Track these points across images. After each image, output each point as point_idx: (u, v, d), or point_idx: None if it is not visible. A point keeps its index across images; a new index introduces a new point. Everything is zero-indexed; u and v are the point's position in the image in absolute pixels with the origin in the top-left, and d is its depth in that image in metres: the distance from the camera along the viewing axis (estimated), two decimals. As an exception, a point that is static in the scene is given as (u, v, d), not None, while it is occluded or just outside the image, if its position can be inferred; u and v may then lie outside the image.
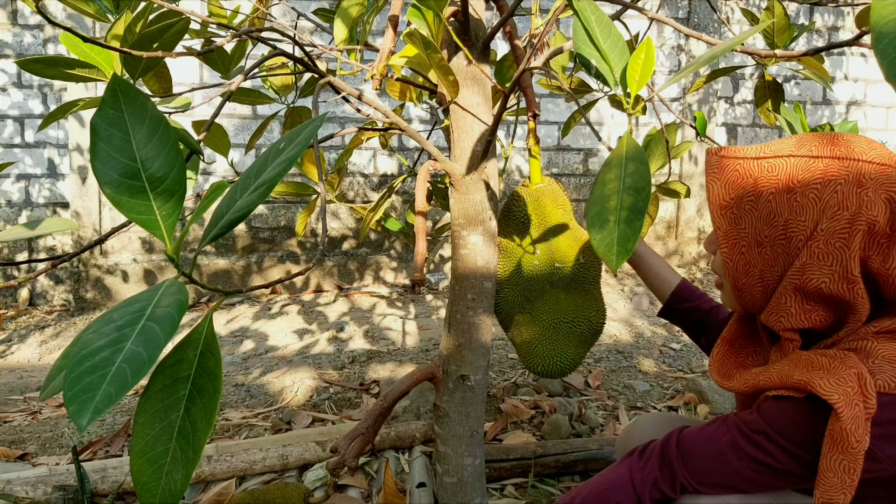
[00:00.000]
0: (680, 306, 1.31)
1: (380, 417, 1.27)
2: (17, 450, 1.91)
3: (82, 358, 0.47)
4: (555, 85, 1.74)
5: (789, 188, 0.86)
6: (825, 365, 0.82)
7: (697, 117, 1.41)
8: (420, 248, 1.10)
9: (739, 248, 0.90)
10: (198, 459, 0.53)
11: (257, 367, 2.68)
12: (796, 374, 0.82)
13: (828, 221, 0.83)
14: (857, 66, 4.72)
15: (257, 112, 3.95)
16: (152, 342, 0.48)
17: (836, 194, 0.83)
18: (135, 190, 0.55)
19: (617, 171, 0.59)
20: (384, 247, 4.18)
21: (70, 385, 0.46)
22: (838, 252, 0.83)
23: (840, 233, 0.83)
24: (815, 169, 0.85)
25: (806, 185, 0.85)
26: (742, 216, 0.90)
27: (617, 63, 0.65)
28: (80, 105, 0.92)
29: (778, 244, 0.87)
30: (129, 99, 0.58)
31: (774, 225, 0.87)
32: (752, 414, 0.87)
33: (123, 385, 0.46)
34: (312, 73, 1.17)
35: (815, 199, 0.84)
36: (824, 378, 0.79)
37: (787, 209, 0.86)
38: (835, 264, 0.83)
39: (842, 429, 0.75)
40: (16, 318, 3.59)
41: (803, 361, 0.84)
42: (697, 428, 0.93)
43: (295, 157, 0.53)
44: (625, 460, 0.97)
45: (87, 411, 0.45)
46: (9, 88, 3.73)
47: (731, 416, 0.90)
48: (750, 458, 0.85)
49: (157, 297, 0.51)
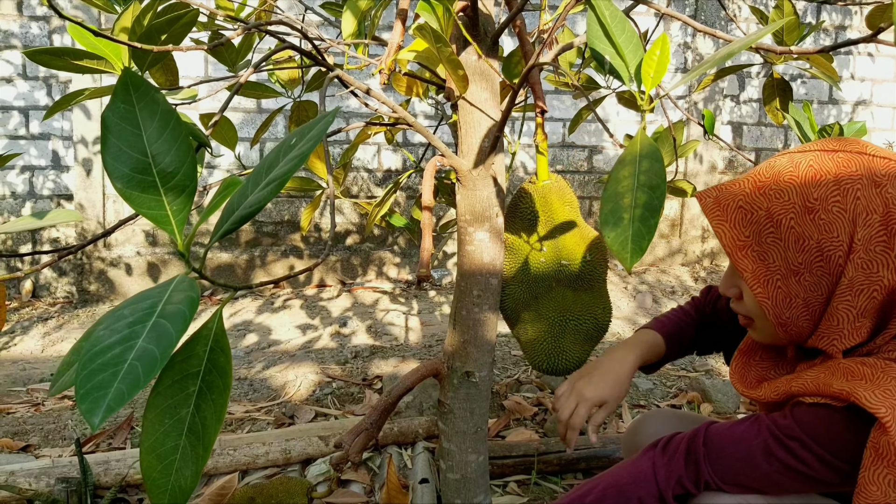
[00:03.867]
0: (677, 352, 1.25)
1: (384, 413, 1.27)
2: (20, 441, 1.91)
3: (94, 355, 0.46)
4: (562, 81, 1.73)
5: (808, 208, 0.83)
6: (867, 375, 0.79)
7: (706, 115, 1.40)
8: (426, 243, 1.10)
9: (774, 283, 0.86)
10: (207, 456, 0.52)
11: (260, 362, 2.68)
12: (836, 384, 0.79)
13: (862, 229, 0.80)
14: (864, 65, 4.70)
15: (262, 106, 3.94)
16: (164, 339, 0.47)
17: (861, 200, 0.81)
18: (146, 185, 0.55)
19: (631, 168, 0.59)
20: (387, 242, 4.18)
21: (82, 383, 0.45)
22: (882, 257, 0.80)
23: (877, 237, 0.80)
24: (827, 182, 0.83)
25: (825, 200, 0.82)
26: (767, 250, 0.86)
27: (632, 59, 0.64)
28: (85, 95, 0.91)
29: (816, 267, 0.83)
30: (141, 93, 0.57)
31: (807, 249, 0.83)
32: (787, 419, 0.84)
33: (135, 383, 0.45)
34: (320, 67, 1.16)
35: (840, 212, 0.81)
36: (868, 389, 0.76)
37: (815, 230, 0.82)
38: (882, 270, 0.80)
39: (889, 443, 0.73)
40: (19, 310, 3.59)
41: (842, 370, 0.81)
42: (726, 426, 0.89)
43: (307, 153, 0.53)
44: (647, 454, 0.93)
45: (100, 409, 0.44)
46: (14, 79, 3.73)
47: (762, 418, 0.87)
48: (781, 463, 0.83)
49: (167, 293, 0.51)
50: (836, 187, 0.82)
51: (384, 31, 3.97)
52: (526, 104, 1.58)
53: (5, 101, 3.73)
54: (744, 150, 4.58)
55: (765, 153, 4.61)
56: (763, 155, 4.60)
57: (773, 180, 0.86)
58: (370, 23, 1.19)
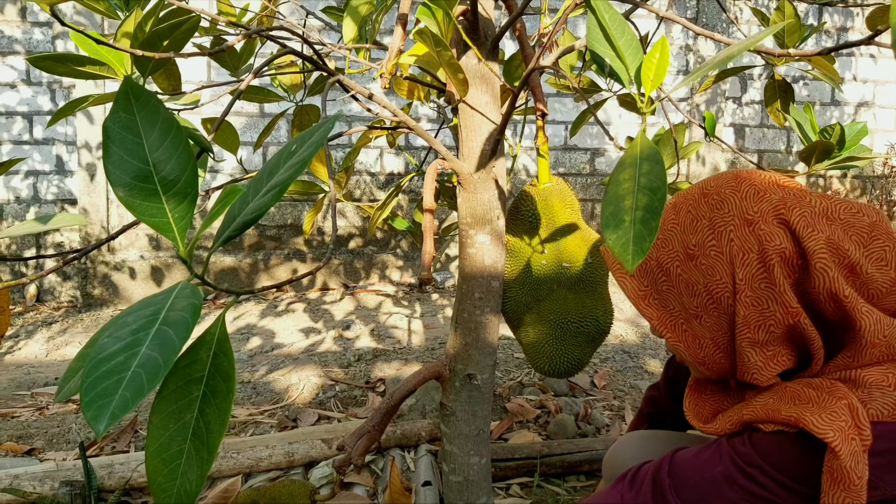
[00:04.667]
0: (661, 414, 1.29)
1: (386, 416, 1.27)
2: (24, 445, 1.92)
3: (98, 363, 0.47)
4: (563, 84, 1.73)
5: (690, 255, 0.86)
6: (813, 398, 0.79)
7: (707, 117, 1.41)
8: (428, 246, 1.10)
9: (680, 327, 0.89)
10: (212, 460, 0.53)
11: (264, 365, 2.69)
12: (784, 409, 0.80)
13: (741, 269, 0.82)
14: (867, 67, 4.69)
15: (264, 110, 3.95)
16: (167, 347, 0.48)
17: (735, 241, 0.82)
18: (147, 193, 0.55)
19: (631, 170, 0.59)
20: (390, 245, 4.18)
21: (87, 390, 0.46)
22: (768, 292, 0.81)
23: (758, 275, 0.81)
24: (702, 228, 0.85)
25: (702, 245, 0.85)
26: (666, 298, 0.89)
27: (632, 62, 0.64)
28: (89, 101, 0.92)
29: (711, 309, 0.85)
30: (141, 102, 0.58)
31: (698, 294, 0.86)
32: (745, 445, 0.84)
33: (139, 390, 0.46)
34: (322, 72, 1.17)
35: (718, 255, 0.83)
36: (815, 413, 0.77)
37: (700, 275, 0.85)
38: (771, 304, 0.81)
39: (841, 467, 0.74)
40: (23, 314, 3.60)
41: (789, 394, 0.82)
42: (691, 454, 0.90)
43: (308, 159, 0.53)
44: (616, 486, 0.95)
45: (105, 417, 0.45)
46: (18, 85, 3.75)
47: (724, 445, 0.87)
48: (744, 491, 0.83)
49: (170, 300, 0.51)
50: (710, 231, 0.84)
51: (385, 36, 3.98)
52: (527, 107, 1.59)
53: (9, 107, 3.75)
54: (746, 152, 4.58)
55: (767, 154, 4.61)
56: (766, 156, 4.60)
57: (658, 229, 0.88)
58: (371, 27, 1.19)
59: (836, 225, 0.82)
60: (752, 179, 0.86)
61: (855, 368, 0.81)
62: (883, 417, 0.77)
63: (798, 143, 4.64)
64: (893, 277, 0.81)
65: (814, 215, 0.81)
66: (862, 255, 0.80)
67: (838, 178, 4.77)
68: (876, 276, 0.80)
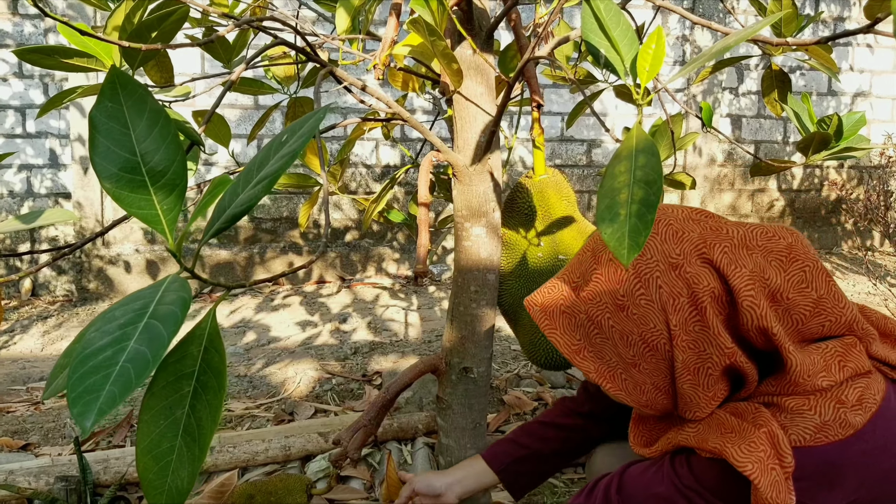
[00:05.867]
0: (525, 468, 1.21)
1: (382, 409, 1.27)
2: (19, 440, 1.91)
3: (85, 358, 0.46)
4: (559, 75, 1.72)
5: (620, 306, 0.85)
6: (736, 427, 0.81)
7: (704, 108, 1.40)
8: (423, 240, 1.09)
9: (619, 376, 0.88)
10: (204, 457, 0.52)
11: (260, 358, 2.68)
12: (710, 439, 0.82)
13: (674, 315, 0.82)
14: (863, 57, 4.68)
15: (259, 102, 3.93)
16: (156, 341, 0.47)
17: (663, 287, 0.82)
18: (135, 184, 0.54)
19: (627, 163, 0.58)
20: (386, 238, 4.17)
21: (73, 386, 0.45)
22: (703, 335, 0.81)
23: (691, 319, 0.81)
24: (629, 276, 0.84)
25: (631, 295, 0.84)
26: (600, 350, 0.88)
27: (627, 52, 0.63)
28: (78, 93, 0.91)
29: (648, 356, 0.85)
30: (128, 91, 0.57)
31: (633, 343, 0.85)
32: (683, 467, 0.87)
33: (127, 385, 0.45)
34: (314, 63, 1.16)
35: (648, 304, 0.83)
36: (736, 444, 0.78)
37: (632, 325, 0.84)
38: (708, 347, 0.81)
39: (762, 498, 0.75)
40: (18, 309, 3.59)
41: (716, 423, 0.84)
42: (639, 471, 0.93)
43: (298, 150, 0.52)
44: (575, 501, 0.98)
45: (91, 413, 0.44)
46: (9, 78, 3.72)
47: (666, 465, 0.89)
48: None
49: (159, 293, 0.50)
50: (637, 280, 0.84)
51: (379, 27, 3.96)
52: (523, 98, 1.58)
53: (1, 100, 3.72)
54: (743, 143, 4.57)
55: (764, 145, 4.60)
56: (762, 147, 4.59)
57: (582, 280, 0.88)
58: (364, 18, 1.18)
59: (757, 253, 0.82)
60: (668, 218, 0.86)
61: (780, 395, 0.83)
62: (805, 442, 0.79)
63: (795, 133, 4.63)
64: (815, 298, 0.82)
65: (734, 248, 0.82)
66: (783, 280, 0.81)
67: (835, 169, 4.77)
68: (797, 299, 0.82)
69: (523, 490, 1.21)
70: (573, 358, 0.89)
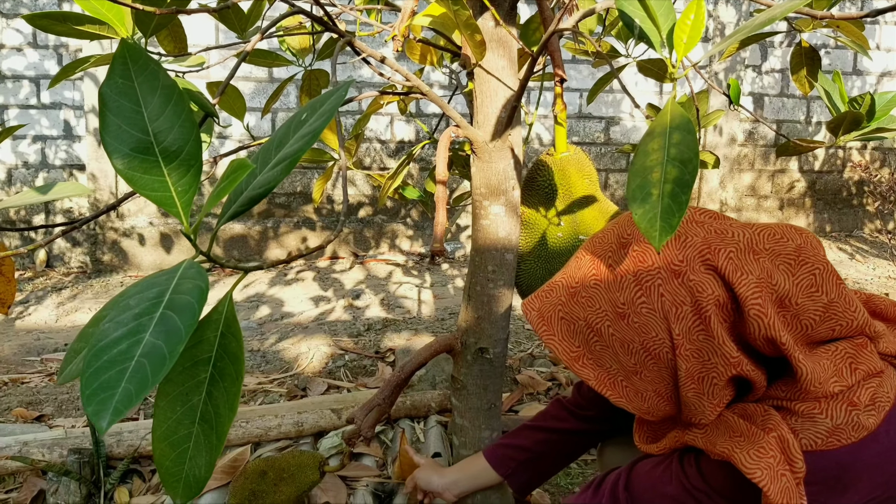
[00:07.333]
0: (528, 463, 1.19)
1: (396, 388, 1.25)
2: (34, 411, 1.93)
3: (99, 350, 0.44)
4: (580, 49, 1.67)
5: (620, 314, 0.81)
6: (745, 431, 0.78)
7: (731, 84, 1.35)
8: (440, 218, 1.07)
9: (619, 384, 0.85)
10: (221, 446, 0.50)
11: (273, 334, 2.68)
12: (719, 443, 0.79)
13: (677, 324, 0.78)
14: (891, 35, 4.56)
15: (273, 75, 3.89)
16: (173, 335, 0.44)
17: (665, 296, 0.78)
18: (148, 165, 0.51)
19: (661, 140, 0.55)
20: (400, 215, 4.15)
21: (87, 382, 0.42)
22: (707, 345, 0.78)
23: (694, 328, 0.78)
24: (629, 283, 0.81)
25: (632, 303, 0.80)
26: (600, 357, 0.85)
27: (664, 22, 0.60)
28: (90, 62, 0.88)
29: (650, 364, 0.82)
30: (140, 66, 0.54)
31: (634, 352, 0.82)
32: (692, 467, 0.85)
33: (144, 383, 0.43)
34: (332, 34, 1.12)
35: (650, 312, 0.79)
36: (745, 449, 0.76)
37: (634, 333, 0.81)
38: (712, 357, 0.78)
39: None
40: (33, 280, 3.61)
41: (724, 426, 0.81)
42: (647, 468, 0.91)
43: (319, 130, 0.49)
44: (582, 495, 0.96)
45: (107, 412, 0.42)
46: (24, 48, 3.70)
47: (675, 464, 0.87)
48: None
49: (174, 281, 0.47)
50: (638, 288, 0.80)
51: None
52: (544, 73, 1.53)
53: (16, 71, 3.71)
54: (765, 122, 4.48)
55: (786, 125, 4.51)
56: (784, 127, 4.51)
57: (581, 285, 0.85)
58: (383, -13, 1.14)
59: (764, 257, 0.79)
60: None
61: (790, 400, 0.80)
62: (817, 447, 0.77)
63: (818, 113, 4.53)
64: (825, 303, 0.79)
65: (740, 253, 0.78)
66: (792, 284, 0.78)
67: (858, 150, 4.67)
68: (807, 304, 0.78)
69: (529, 489, 1.22)
70: (572, 365, 0.87)
